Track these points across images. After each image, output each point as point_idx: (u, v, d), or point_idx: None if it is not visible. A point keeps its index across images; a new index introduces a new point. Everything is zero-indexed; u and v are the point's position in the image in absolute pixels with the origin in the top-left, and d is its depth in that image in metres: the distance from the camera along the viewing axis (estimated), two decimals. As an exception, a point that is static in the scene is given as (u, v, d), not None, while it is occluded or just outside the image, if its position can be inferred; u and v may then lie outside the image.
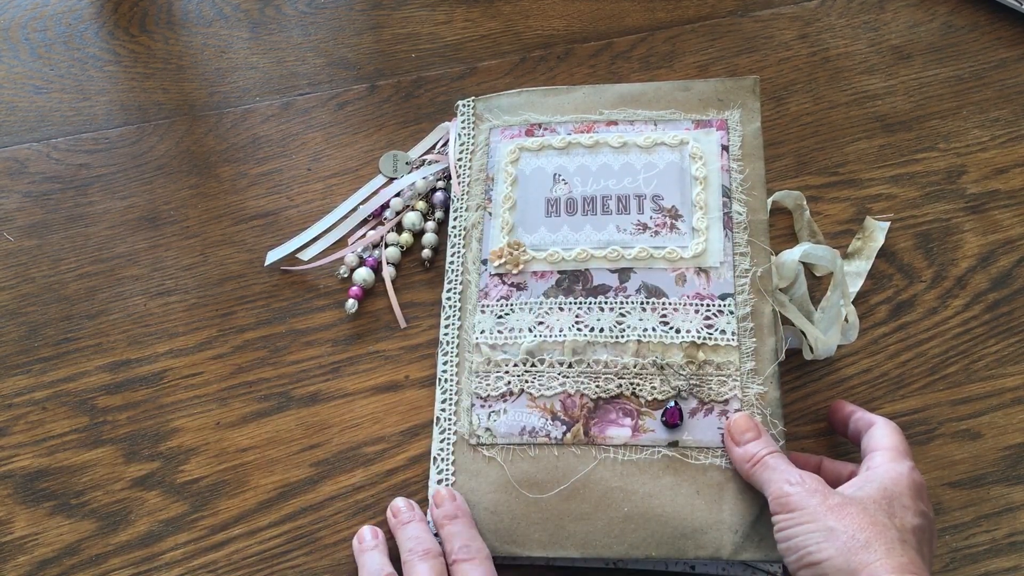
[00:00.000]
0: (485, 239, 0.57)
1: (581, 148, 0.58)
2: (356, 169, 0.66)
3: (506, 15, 0.74)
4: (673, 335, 0.52)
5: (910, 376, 0.57)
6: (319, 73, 0.71)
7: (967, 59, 0.70)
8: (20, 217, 0.64)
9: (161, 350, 0.58)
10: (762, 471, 0.46)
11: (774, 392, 0.50)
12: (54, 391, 0.57)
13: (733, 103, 0.58)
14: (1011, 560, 0.50)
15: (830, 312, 0.55)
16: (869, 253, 0.61)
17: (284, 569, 0.51)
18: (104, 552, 0.52)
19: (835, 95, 0.68)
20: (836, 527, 0.41)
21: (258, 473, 0.54)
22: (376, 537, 0.50)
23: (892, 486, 0.44)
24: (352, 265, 0.61)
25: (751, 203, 0.55)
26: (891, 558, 0.40)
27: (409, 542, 0.48)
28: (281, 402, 0.56)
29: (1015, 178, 0.64)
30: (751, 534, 0.46)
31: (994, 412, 0.55)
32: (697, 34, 0.72)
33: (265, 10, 0.75)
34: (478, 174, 0.59)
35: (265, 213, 0.64)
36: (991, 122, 0.67)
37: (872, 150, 0.66)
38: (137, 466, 0.54)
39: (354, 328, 0.59)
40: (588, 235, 0.55)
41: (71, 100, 0.70)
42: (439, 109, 0.68)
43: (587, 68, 0.71)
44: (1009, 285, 0.60)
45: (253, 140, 0.67)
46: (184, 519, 0.52)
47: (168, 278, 0.61)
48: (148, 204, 0.64)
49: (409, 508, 0.51)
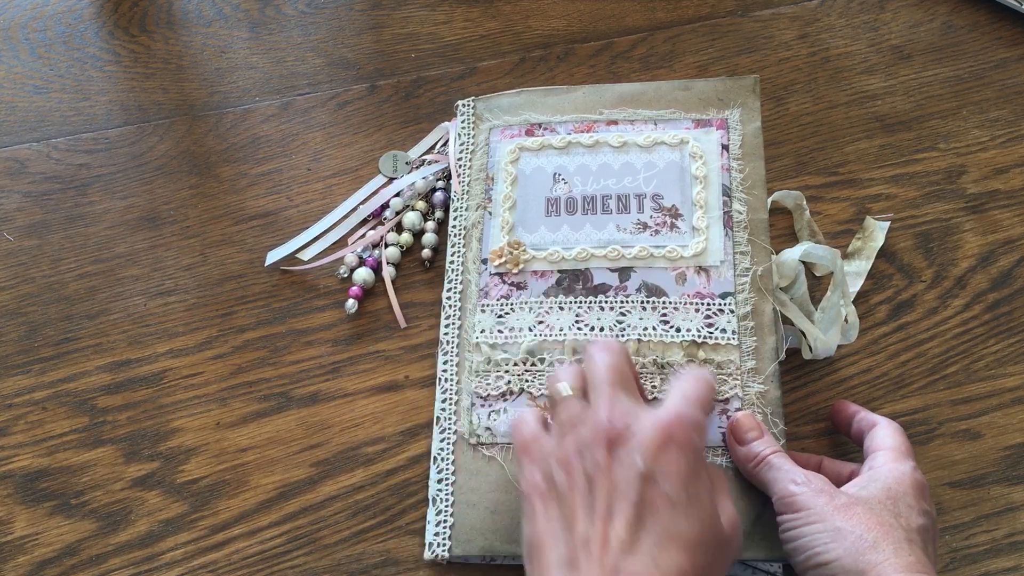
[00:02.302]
0: (485, 239, 0.57)
1: (581, 148, 0.58)
2: (356, 169, 0.66)
3: (506, 15, 0.74)
4: (673, 334, 0.52)
5: (910, 376, 0.57)
6: (319, 73, 0.71)
7: (967, 59, 0.70)
8: (20, 217, 0.64)
9: (161, 350, 0.58)
10: (766, 471, 0.46)
11: (775, 391, 0.50)
12: (54, 391, 0.57)
13: (733, 102, 0.58)
14: (1011, 560, 0.50)
15: (830, 312, 0.55)
16: (869, 253, 0.61)
17: (284, 569, 0.51)
18: (104, 552, 0.52)
19: (835, 95, 0.69)
20: (844, 527, 0.41)
21: (258, 473, 0.54)
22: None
23: (896, 486, 0.44)
24: (352, 265, 0.61)
25: (751, 202, 0.55)
26: (899, 557, 0.40)
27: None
28: (281, 402, 0.56)
29: (1015, 178, 0.64)
30: (752, 533, 0.46)
31: (994, 412, 0.55)
32: (697, 34, 0.72)
33: (265, 10, 0.75)
34: (478, 174, 0.59)
35: (265, 213, 0.64)
36: (991, 122, 0.67)
37: (872, 150, 0.66)
38: (137, 466, 0.54)
39: (354, 328, 0.59)
40: (588, 234, 0.55)
41: (71, 100, 0.70)
42: (439, 109, 0.68)
43: (587, 68, 0.71)
44: (1009, 285, 0.60)
45: (253, 140, 0.67)
46: (184, 519, 0.52)
47: (168, 278, 0.61)
48: (148, 204, 0.64)
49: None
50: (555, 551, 0.38)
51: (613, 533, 0.37)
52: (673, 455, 0.39)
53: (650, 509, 0.38)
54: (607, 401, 0.42)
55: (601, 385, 0.43)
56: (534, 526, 0.40)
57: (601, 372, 0.43)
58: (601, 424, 0.40)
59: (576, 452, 0.40)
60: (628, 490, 0.38)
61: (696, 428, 0.41)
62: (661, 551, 0.37)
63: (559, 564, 0.38)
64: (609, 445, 0.40)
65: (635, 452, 0.39)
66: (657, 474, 0.39)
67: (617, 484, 0.39)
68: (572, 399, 0.43)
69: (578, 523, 0.38)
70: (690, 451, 0.40)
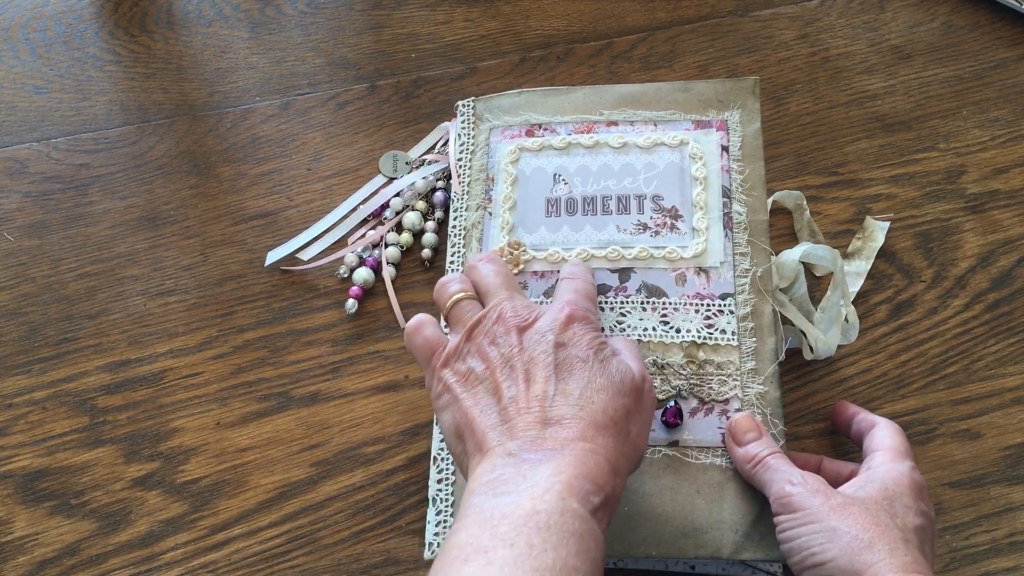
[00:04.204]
0: (485, 239, 0.57)
1: (581, 148, 0.58)
2: (356, 169, 0.66)
3: (506, 15, 0.74)
4: (673, 335, 0.52)
5: (910, 376, 0.57)
6: (319, 73, 0.71)
7: (967, 59, 0.70)
8: (20, 217, 0.64)
9: (161, 350, 0.58)
10: (763, 472, 0.46)
11: (774, 392, 0.50)
12: (54, 391, 0.57)
13: (733, 104, 0.58)
14: (1011, 560, 0.50)
15: (830, 312, 0.55)
16: (869, 253, 0.61)
17: (284, 569, 0.51)
18: (104, 552, 0.52)
19: (835, 95, 0.69)
20: (839, 527, 0.41)
21: (258, 473, 0.54)
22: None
23: (893, 486, 0.44)
24: (352, 265, 0.61)
25: (751, 203, 0.55)
26: (895, 558, 0.40)
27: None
28: (281, 402, 0.56)
29: (1015, 178, 0.64)
30: (751, 533, 0.46)
31: (994, 412, 0.55)
32: (697, 34, 0.72)
33: (265, 10, 0.75)
34: (478, 174, 0.59)
35: (265, 213, 0.64)
36: (991, 122, 0.67)
37: (872, 150, 0.66)
38: (137, 466, 0.54)
39: (354, 328, 0.59)
40: (588, 235, 0.55)
41: (71, 100, 0.70)
42: (439, 109, 0.68)
43: (587, 68, 0.71)
44: (1009, 285, 0.60)
45: (253, 140, 0.67)
46: (184, 519, 0.52)
47: (168, 278, 0.61)
48: (148, 204, 0.64)
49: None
50: (487, 419, 0.41)
51: (537, 389, 0.41)
52: (577, 328, 0.43)
53: (566, 368, 0.41)
54: (507, 299, 0.45)
55: (496, 289, 0.46)
56: (459, 409, 0.42)
57: (492, 278, 0.46)
58: (507, 316, 0.44)
59: (490, 344, 0.43)
60: (543, 357, 0.42)
61: (591, 308, 0.46)
62: (581, 397, 0.40)
63: (492, 426, 0.40)
64: (519, 332, 0.43)
65: (544, 331, 0.43)
66: (567, 342, 0.42)
67: (534, 356, 0.42)
68: (470, 301, 0.46)
69: (503, 392, 0.41)
70: (590, 327, 0.43)
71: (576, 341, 0.42)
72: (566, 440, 0.39)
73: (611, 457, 0.39)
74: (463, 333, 0.44)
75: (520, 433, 0.39)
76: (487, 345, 0.43)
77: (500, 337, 0.43)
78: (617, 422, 0.40)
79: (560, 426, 0.39)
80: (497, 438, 0.40)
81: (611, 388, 0.41)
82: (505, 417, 0.40)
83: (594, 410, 0.40)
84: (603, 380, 0.41)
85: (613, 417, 0.40)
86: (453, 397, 0.42)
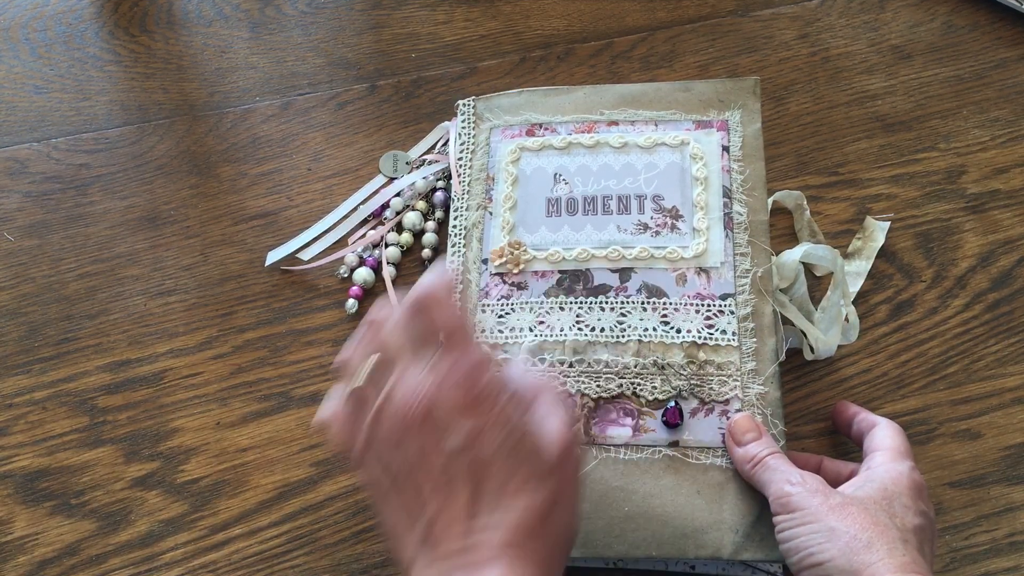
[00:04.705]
0: (486, 239, 0.57)
1: (582, 148, 0.58)
2: (356, 169, 0.66)
3: (506, 15, 0.74)
4: (674, 335, 0.52)
5: (910, 376, 0.57)
6: (319, 73, 0.71)
7: (967, 59, 0.70)
8: (20, 217, 0.64)
9: (161, 350, 0.58)
10: (763, 472, 0.46)
11: (775, 392, 0.50)
12: (54, 391, 0.57)
13: (733, 104, 0.58)
14: (1011, 560, 0.50)
15: (830, 312, 0.55)
16: (869, 253, 0.61)
17: (284, 569, 0.51)
18: (104, 552, 0.52)
19: (835, 95, 0.69)
20: (838, 527, 0.41)
21: (258, 473, 0.54)
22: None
23: (892, 486, 0.44)
24: (352, 265, 0.61)
25: (751, 203, 0.55)
26: (893, 558, 0.40)
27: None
28: (281, 402, 0.56)
29: (1015, 178, 0.64)
30: (752, 534, 0.46)
31: (994, 412, 0.55)
32: (697, 34, 0.72)
33: (265, 10, 0.75)
34: (478, 174, 0.59)
35: (265, 213, 0.64)
36: (991, 122, 0.67)
37: (872, 150, 0.66)
38: (137, 466, 0.54)
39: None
40: (589, 235, 0.55)
41: (71, 100, 0.70)
42: (439, 109, 0.68)
43: (587, 68, 0.71)
44: (1009, 285, 0.60)
45: (253, 140, 0.67)
46: (184, 519, 0.52)
47: (168, 278, 0.61)
48: (148, 204, 0.64)
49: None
50: (409, 536, 0.39)
51: (454, 507, 0.38)
52: (475, 414, 0.38)
53: (477, 477, 0.38)
54: (399, 381, 0.39)
55: (397, 354, 0.40)
56: (381, 515, 0.40)
57: (388, 342, 0.41)
58: (399, 413, 0.38)
59: (392, 447, 0.39)
60: (453, 469, 0.38)
61: (481, 367, 0.39)
62: (501, 507, 0.38)
63: (416, 543, 0.38)
64: (417, 431, 0.38)
65: (445, 431, 0.38)
66: (474, 443, 0.38)
67: (442, 467, 0.38)
68: (362, 389, 0.40)
69: (426, 509, 0.38)
70: (490, 400, 0.38)
71: (481, 437, 0.38)
72: (490, 557, 0.37)
73: (541, 560, 0.38)
74: (365, 430, 0.40)
75: (443, 554, 0.37)
76: (388, 449, 0.39)
77: (400, 442, 0.39)
78: (544, 517, 0.38)
79: (484, 540, 0.37)
80: (424, 560, 0.38)
81: (531, 481, 0.38)
82: (427, 535, 0.38)
83: (516, 516, 0.38)
84: (519, 479, 0.38)
85: (540, 514, 0.38)
86: (374, 500, 0.41)
